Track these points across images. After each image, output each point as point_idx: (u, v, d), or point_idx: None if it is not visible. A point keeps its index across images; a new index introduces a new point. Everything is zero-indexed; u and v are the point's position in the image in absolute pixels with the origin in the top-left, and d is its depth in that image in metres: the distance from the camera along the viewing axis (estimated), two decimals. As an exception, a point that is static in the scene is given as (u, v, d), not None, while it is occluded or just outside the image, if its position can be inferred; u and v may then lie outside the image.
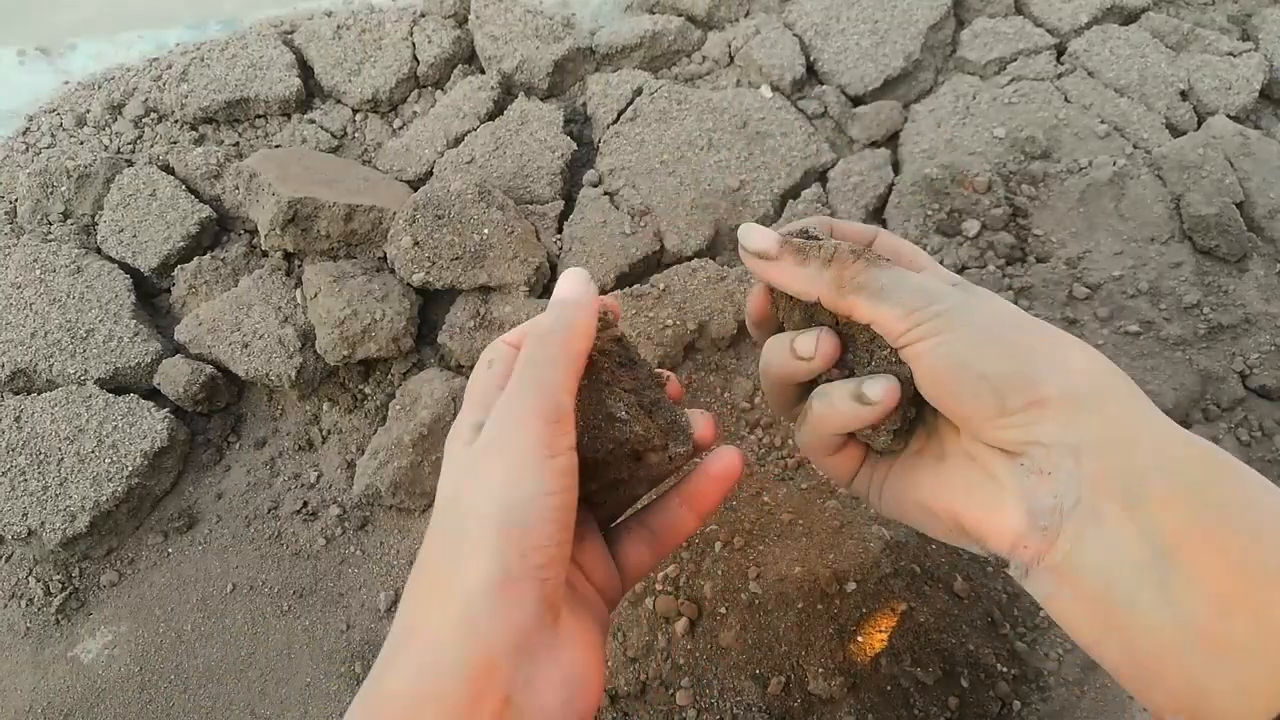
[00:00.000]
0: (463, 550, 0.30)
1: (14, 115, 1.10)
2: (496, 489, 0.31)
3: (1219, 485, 0.27)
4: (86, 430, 0.82)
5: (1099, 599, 0.29)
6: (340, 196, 0.88)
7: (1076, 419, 0.30)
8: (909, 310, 0.33)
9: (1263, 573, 0.25)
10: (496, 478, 0.31)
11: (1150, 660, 0.28)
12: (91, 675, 0.77)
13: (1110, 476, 0.28)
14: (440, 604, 0.29)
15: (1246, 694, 0.25)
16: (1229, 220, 0.89)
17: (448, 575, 0.30)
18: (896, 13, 1.06)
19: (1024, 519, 0.31)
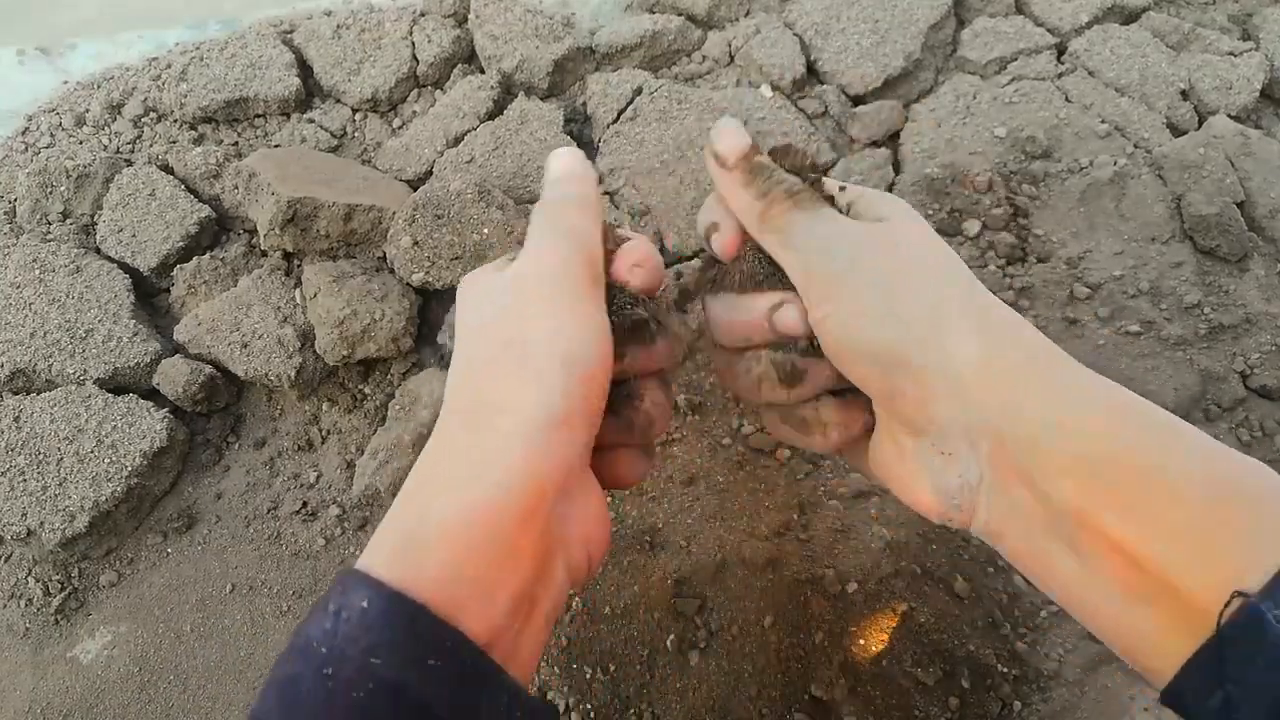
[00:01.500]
0: (523, 378, 0.29)
1: (13, 115, 1.10)
2: (554, 319, 0.30)
3: (1108, 436, 0.27)
4: (86, 430, 0.82)
5: (1027, 557, 0.30)
6: (340, 196, 0.88)
7: (965, 398, 0.30)
8: (805, 267, 0.33)
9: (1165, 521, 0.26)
10: (551, 308, 0.30)
11: (1082, 608, 0.29)
12: (91, 675, 0.77)
13: (1004, 453, 0.29)
14: (494, 429, 0.29)
15: (1169, 633, 0.26)
16: (1230, 220, 0.89)
17: (501, 400, 0.29)
18: (897, 12, 1.06)
19: (938, 498, 0.32)
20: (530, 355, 0.30)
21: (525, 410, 0.29)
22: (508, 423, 0.29)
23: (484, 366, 0.31)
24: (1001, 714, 0.68)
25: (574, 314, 0.31)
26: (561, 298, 0.31)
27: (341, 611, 0.26)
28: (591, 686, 0.70)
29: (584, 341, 0.30)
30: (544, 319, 0.30)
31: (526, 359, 0.30)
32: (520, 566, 0.28)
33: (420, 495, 0.29)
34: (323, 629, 0.26)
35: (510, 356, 0.30)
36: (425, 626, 0.26)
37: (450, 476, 0.29)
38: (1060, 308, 0.85)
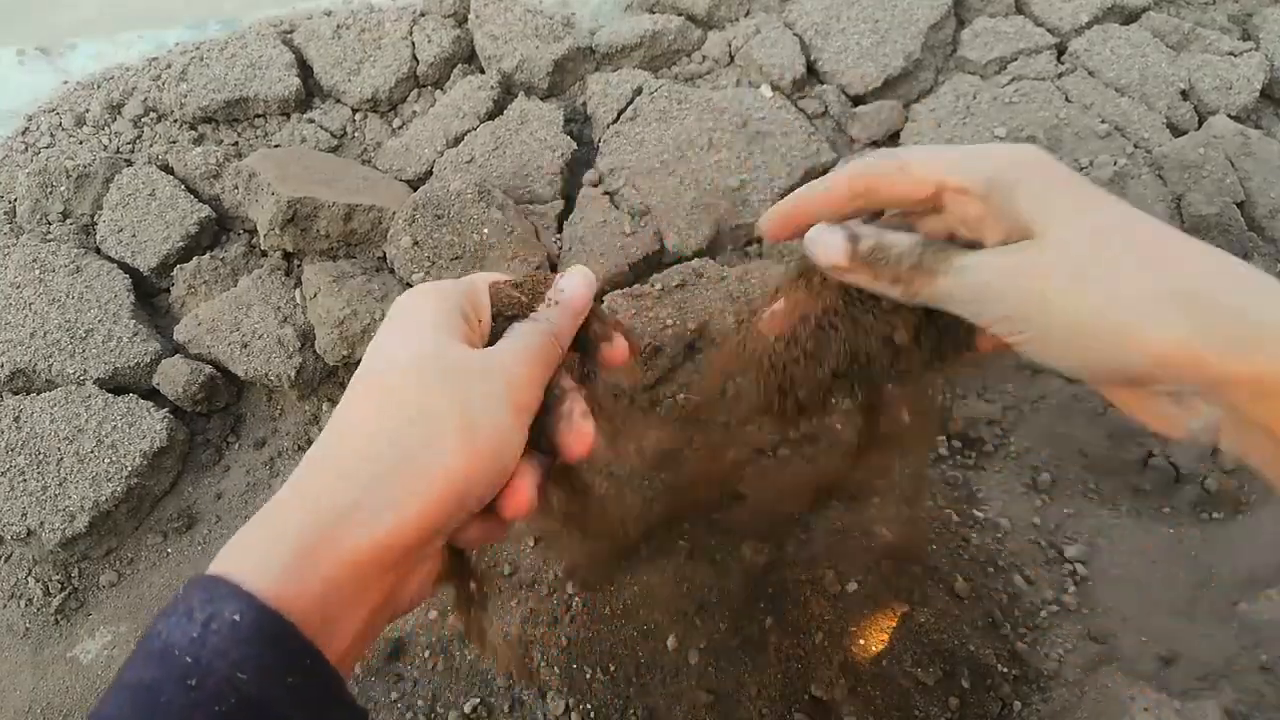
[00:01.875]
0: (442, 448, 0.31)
1: (13, 115, 1.10)
2: (504, 409, 0.33)
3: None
4: (86, 430, 0.82)
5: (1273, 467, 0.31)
6: (340, 196, 0.88)
7: (1185, 377, 0.31)
8: (977, 317, 0.34)
9: None
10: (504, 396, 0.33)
11: None
12: (91, 676, 0.77)
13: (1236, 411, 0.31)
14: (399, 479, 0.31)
15: None
16: (1230, 220, 0.89)
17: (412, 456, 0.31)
18: (897, 12, 1.06)
19: (1180, 431, 0.33)
20: (456, 434, 0.32)
21: (432, 478, 0.31)
22: (412, 482, 0.31)
23: (410, 415, 0.32)
24: (1001, 714, 0.68)
25: (513, 427, 0.33)
26: (506, 408, 0.33)
27: (211, 622, 0.26)
28: (591, 686, 0.70)
29: (506, 455, 0.33)
30: (490, 416, 0.33)
31: (449, 434, 0.32)
32: (376, 599, 0.31)
33: (311, 515, 0.30)
34: (189, 637, 0.26)
35: (439, 425, 0.32)
36: (293, 646, 0.27)
37: (348, 505, 0.30)
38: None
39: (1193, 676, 0.68)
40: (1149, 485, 0.76)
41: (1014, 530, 0.76)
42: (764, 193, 0.95)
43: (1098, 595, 0.73)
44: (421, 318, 0.35)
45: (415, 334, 0.35)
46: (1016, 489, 0.78)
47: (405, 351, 0.34)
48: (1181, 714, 0.65)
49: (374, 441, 0.32)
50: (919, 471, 0.77)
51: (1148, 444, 0.77)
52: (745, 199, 0.95)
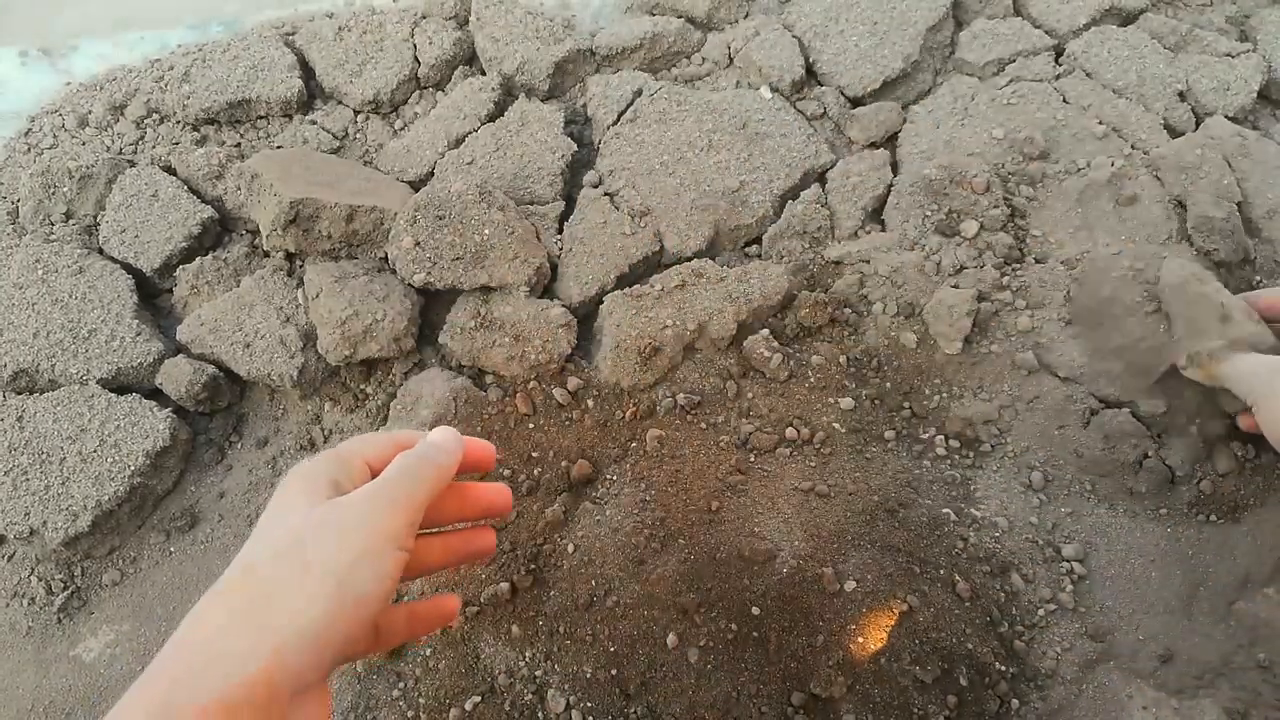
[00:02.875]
0: (293, 591, 0.34)
1: (16, 116, 1.10)
2: (354, 555, 0.35)
3: None
4: (89, 430, 0.83)
5: None
6: (342, 197, 0.89)
7: None
8: (1237, 389, 0.58)
9: None
10: (358, 546, 0.36)
11: None
12: (94, 674, 0.78)
13: None
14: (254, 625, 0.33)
15: None
16: (1232, 226, 0.89)
17: (269, 604, 0.34)
18: (895, 14, 1.06)
19: None
20: (310, 574, 0.35)
21: (285, 625, 0.33)
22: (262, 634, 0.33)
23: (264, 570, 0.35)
24: (999, 712, 0.68)
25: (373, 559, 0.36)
26: (371, 542, 0.36)
27: None
28: (591, 686, 0.70)
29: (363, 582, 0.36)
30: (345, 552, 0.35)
31: (307, 573, 0.35)
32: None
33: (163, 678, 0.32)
34: None
35: (297, 568, 0.35)
36: None
37: (200, 666, 0.32)
38: (1057, 308, 0.86)
39: (1190, 675, 0.69)
40: (1144, 487, 0.77)
41: (1012, 529, 0.76)
42: (763, 193, 0.95)
43: (1095, 594, 0.73)
44: (288, 496, 0.39)
45: (285, 505, 0.38)
46: (1014, 488, 0.78)
47: (267, 529, 0.37)
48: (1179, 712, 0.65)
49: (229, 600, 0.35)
50: None
51: (1143, 445, 0.77)
52: (745, 200, 0.95)
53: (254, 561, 0.36)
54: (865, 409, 0.83)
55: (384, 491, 0.38)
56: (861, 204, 0.95)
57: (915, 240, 0.91)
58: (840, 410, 0.82)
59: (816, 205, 0.95)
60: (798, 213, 0.94)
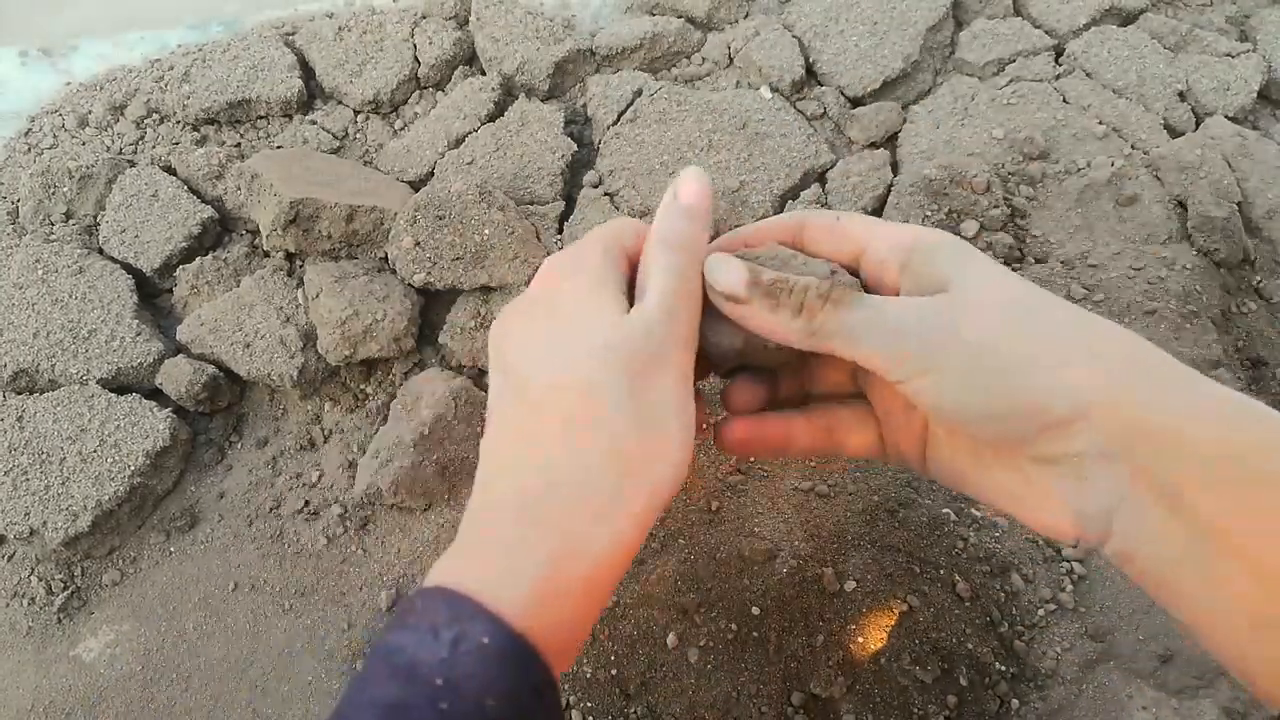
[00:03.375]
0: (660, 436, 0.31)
1: (16, 116, 1.10)
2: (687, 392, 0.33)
3: (1254, 458, 0.26)
4: (88, 430, 0.83)
5: (1155, 582, 0.30)
6: (342, 197, 0.89)
7: (1100, 427, 0.29)
8: (885, 355, 0.32)
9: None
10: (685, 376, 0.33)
11: (1206, 636, 0.29)
12: (94, 674, 0.78)
13: (1144, 475, 0.28)
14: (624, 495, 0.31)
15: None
16: (1234, 227, 0.89)
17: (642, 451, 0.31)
18: (895, 14, 1.06)
19: (1075, 520, 0.31)
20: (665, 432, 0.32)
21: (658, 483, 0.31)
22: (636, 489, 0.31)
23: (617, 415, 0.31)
24: (999, 712, 0.69)
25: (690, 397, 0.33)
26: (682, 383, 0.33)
27: (460, 643, 0.26)
28: (591, 686, 0.70)
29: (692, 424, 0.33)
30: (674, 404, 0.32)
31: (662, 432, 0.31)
32: (602, 608, 0.31)
33: (547, 537, 0.29)
34: (438, 657, 0.26)
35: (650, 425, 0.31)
36: (534, 672, 0.27)
37: (582, 526, 0.30)
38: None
39: (1190, 675, 0.69)
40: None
41: (1012, 529, 0.76)
42: (763, 194, 0.95)
43: (1095, 594, 0.74)
44: (576, 304, 0.33)
45: (567, 330, 0.32)
46: (1015, 488, 0.78)
47: (583, 335, 0.32)
48: (1179, 712, 0.65)
49: (584, 456, 0.31)
50: None
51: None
52: (745, 200, 0.95)
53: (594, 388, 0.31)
54: (865, 409, 0.83)
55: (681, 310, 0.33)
56: (861, 204, 0.95)
57: (915, 240, 0.91)
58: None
59: (816, 205, 0.95)
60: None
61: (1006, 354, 0.30)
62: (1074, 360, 0.30)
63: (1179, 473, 0.27)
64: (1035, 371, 0.30)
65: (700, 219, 0.35)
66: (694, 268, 0.34)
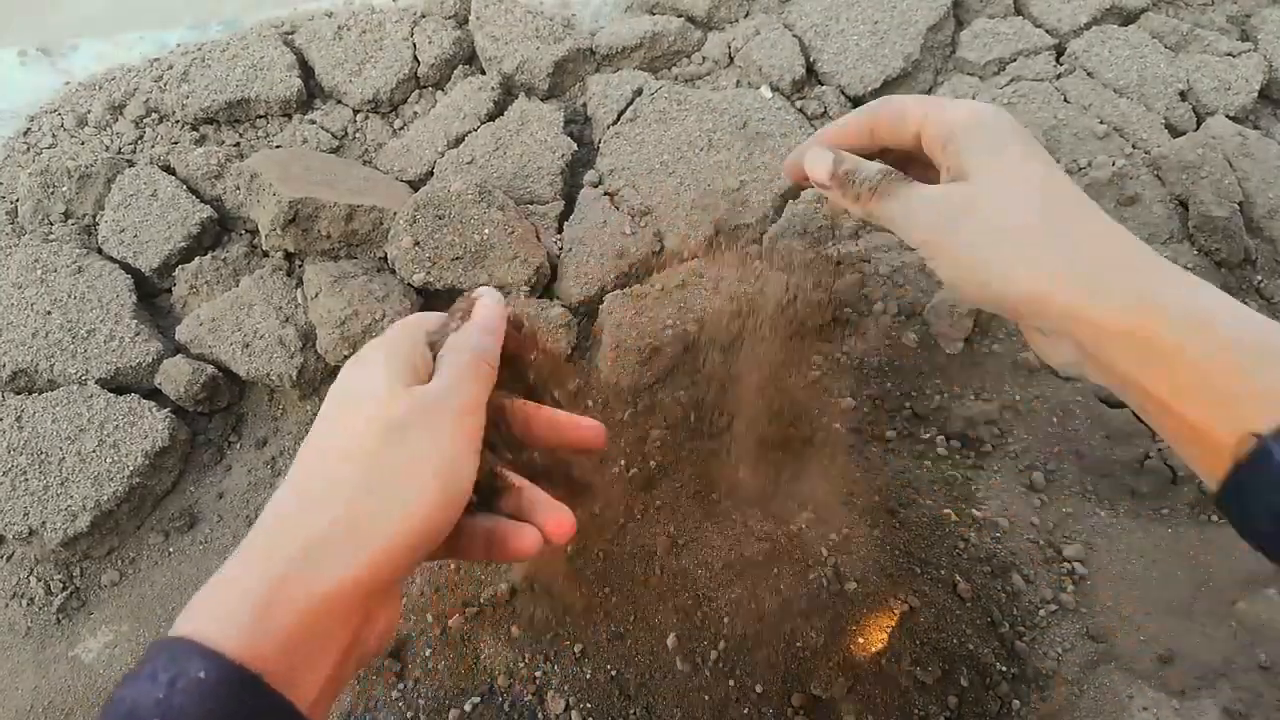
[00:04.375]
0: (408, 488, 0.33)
1: (15, 115, 1.10)
2: (456, 450, 0.35)
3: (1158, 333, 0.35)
4: (87, 430, 0.82)
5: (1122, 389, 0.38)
6: (341, 197, 0.89)
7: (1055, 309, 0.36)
8: (909, 235, 0.41)
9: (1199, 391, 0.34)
10: (460, 441, 0.35)
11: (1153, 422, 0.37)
12: (93, 674, 0.77)
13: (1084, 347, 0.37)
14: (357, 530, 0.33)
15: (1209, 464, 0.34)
16: (1235, 227, 0.89)
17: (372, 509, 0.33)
18: (896, 13, 1.06)
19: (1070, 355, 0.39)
20: (411, 481, 0.33)
21: (392, 525, 0.33)
22: (373, 525, 0.32)
23: (363, 464, 0.34)
24: (1000, 712, 0.68)
25: (465, 457, 0.35)
26: (455, 441, 0.35)
27: (176, 681, 0.27)
28: (591, 686, 0.70)
29: (461, 484, 0.35)
30: (440, 452, 0.34)
31: (407, 480, 0.33)
32: (343, 642, 0.32)
33: (272, 565, 0.32)
34: (154, 698, 0.27)
35: (395, 472, 0.33)
36: (261, 699, 0.28)
37: (308, 553, 0.32)
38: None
39: (1191, 675, 0.68)
40: (1146, 487, 0.76)
41: (1012, 530, 0.76)
42: (763, 193, 0.95)
43: (1096, 595, 0.73)
44: (367, 376, 0.37)
45: (368, 389, 0.36)
46: (1015, 489, 0.78)
47: (359, 408, 0.36)
48: (1180, 713, 0.65)
49: (334, 492, 0.33)
50: None
51: (1144, 445, 0.77)
52: (745, 199, 0.95)
53: (355, 451, 0.34)
54: (866, 409, 0.82)
55: (464, 385, 0.37)
56: (862, 204, 0.95)
57: (916, 240, 0.91)
58: (841, 410, 0.82)
59: (817, 205, 0.95)
60: (798, 212, 0.94)
61: (979, 254, 0.38)
62: (1025, 260, 0.37)
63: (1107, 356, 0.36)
64: (993, 273, 0.38)
65: (493, 333, 0.40)
66: (479, 366, 0.38)
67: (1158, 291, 0.36)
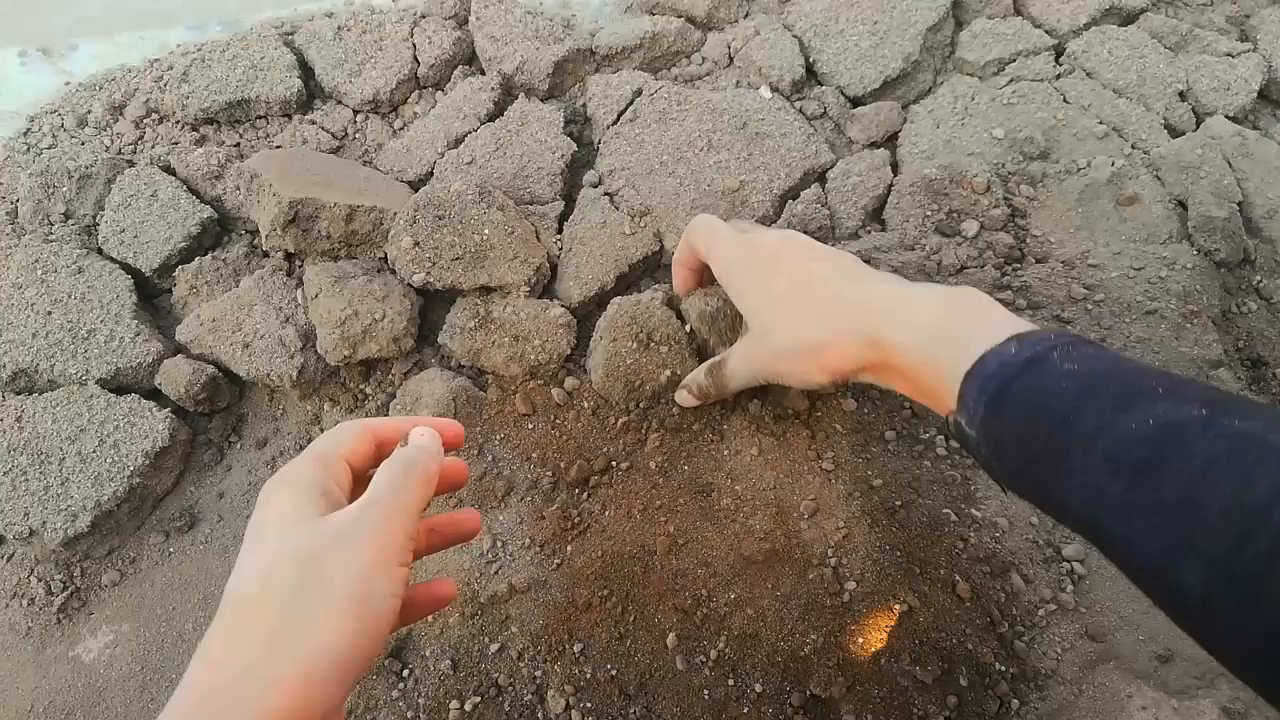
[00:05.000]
0: (318, 615, 0.34)
1: (15, 116, 1.10)
2: (369, 573, 0.36)
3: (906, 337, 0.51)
4: (88, 430, 0.83)
5: None
6: (341, 197, 0.89)
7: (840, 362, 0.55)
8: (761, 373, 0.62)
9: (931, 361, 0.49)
10: (371, 563, 0.36)
11: None
12: (93, 674, 0.78)
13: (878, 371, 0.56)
14: (282, 654, 0.34)
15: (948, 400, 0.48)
16: (1234, 227, 0.89)
17: (295, 630, 0.34)
18: (895, 14, 1.06)
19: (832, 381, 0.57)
20: (331, 598, 0.35)
21: (308, 657, 0.34)
22: (288, 661, 0.34)
23: (285, 595, 0.35)
24: (999, 712, 0.69)
25: (382, 577, 0.36)
26: (378, 562, 0.36)
27: None
28: (590, 686, 0.70)
29: (380, 600, 0.36)
30: (357, 574, 0.36)
31: (328, 600, 0.35)
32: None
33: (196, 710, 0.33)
34: None
35: (315, 593, 0.35)
36: None
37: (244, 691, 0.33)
38: (1057, 308, 0.86)
39: (1190, 675, 0.69)
40: (1146, 485, 0.76)
41: (1012, 529, 0.76)
42: (763, 194, 0.95)
43: (1095, 594, 0.73)
44: (276, 516, 0.38)
45: (257, 539, 0.38)
46: (1015, 488, 0.78)
47: (266, 542, 0.37)
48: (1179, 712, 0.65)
49: (248, 635, 0.34)
50: None
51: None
52: (745, 200, 0.95)
53: (265, 586, 0.35)
54: (866, 409, 0.82)
55: (383, 506, 0.38)
56: (862, 204, 0.95)
57: (916, 240, 0.91)
58: (841, 410, 0.82)
59: (817, 205, 0.95)
60: (798, 213, 0.94)
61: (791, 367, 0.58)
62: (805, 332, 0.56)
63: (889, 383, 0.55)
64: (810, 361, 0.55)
65: (435, 456, 0.43)
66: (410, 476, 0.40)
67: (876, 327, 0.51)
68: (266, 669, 0.33)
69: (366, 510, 0.38)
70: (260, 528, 0.39)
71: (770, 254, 0.57)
